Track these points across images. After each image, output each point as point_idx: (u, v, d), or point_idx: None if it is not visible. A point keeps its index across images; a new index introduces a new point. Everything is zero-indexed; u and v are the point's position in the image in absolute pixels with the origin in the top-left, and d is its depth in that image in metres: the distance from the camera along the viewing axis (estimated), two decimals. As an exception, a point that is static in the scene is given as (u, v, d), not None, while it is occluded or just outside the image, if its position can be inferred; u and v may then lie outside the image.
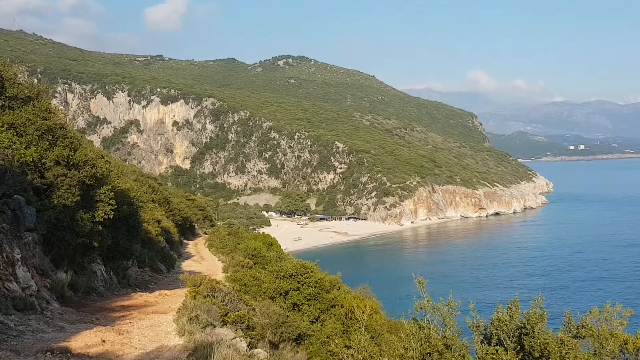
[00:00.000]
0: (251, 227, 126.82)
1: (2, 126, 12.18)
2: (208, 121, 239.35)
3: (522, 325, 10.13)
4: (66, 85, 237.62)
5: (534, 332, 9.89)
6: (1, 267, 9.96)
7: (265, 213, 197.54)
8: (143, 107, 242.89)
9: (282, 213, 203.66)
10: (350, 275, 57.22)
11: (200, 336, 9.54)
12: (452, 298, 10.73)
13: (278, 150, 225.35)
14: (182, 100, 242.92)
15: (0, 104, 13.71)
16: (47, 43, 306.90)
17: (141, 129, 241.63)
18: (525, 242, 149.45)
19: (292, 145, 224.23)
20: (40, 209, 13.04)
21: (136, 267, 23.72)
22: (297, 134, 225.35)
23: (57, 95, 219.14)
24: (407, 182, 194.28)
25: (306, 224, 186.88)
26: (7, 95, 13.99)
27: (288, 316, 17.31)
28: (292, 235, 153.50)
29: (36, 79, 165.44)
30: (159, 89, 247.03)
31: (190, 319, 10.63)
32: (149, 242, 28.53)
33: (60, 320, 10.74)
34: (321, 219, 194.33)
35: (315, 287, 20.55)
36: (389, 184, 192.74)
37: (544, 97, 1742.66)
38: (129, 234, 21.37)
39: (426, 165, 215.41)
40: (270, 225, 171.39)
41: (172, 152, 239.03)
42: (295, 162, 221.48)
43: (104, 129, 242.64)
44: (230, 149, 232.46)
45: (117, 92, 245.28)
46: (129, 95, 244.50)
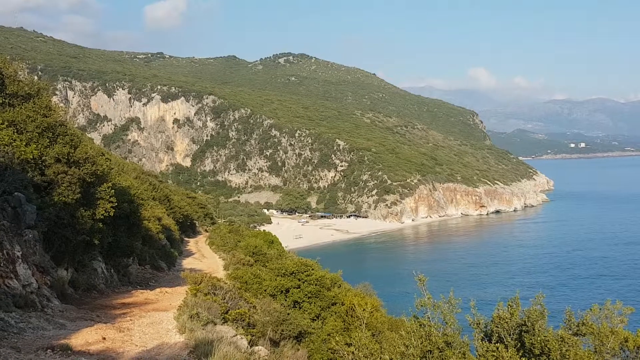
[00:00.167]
0: (252, 225, 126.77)
1: (3, 123, 12.16)
2: (209, 119, 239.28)
3: (523, 322, 10.13)
4: (66, 83, 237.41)
5: (534, 329, 9.90)
6: (2, 265, 9.96)
7: (266, 211, 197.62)
8: (144, 104, 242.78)
9: (283, 211, 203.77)
10: (351, 273, 57.26)
11: (201, 334, 9.54)
12: (452, 295, 10.73)
13: (279, 148, 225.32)
14: (182, 98, 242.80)
15: (1, 101, 13.69)
16: (47, 40, 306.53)
17: (142, 126, 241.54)
18: (525, 239, 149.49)
19: (293, 143, 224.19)
20: (41, 206, 13.04)
21: (137, 264, 23.74)
22: (298, 131, 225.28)
23: (57, 92, 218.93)
24: (408, 180, 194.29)
25: (307, 221, 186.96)
26: (7, 92, 13.98)
27: (289, 314, 17.32)
28: (292, 233, 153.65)
29: (36, 76, 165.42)
30: (159, 87, 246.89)
31: (191, 317, 10.63)
32: (149, 240, 28.54)
33: (60, 318, 10.75)
34: (322, 216, 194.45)
35: (316, 285, 20.56)
36: (389, 181, 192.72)
37: (545, 95, 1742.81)
38: (129, 231, 21.40)
39: (427, 163, 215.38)
40: (271, 223, 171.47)
41: (172, 149, 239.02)
42: (296, 160, 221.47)
43: (104, 126, 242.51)
44: (231, 146, 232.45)
45: (118, 90, 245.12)
46: (129, 93, 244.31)
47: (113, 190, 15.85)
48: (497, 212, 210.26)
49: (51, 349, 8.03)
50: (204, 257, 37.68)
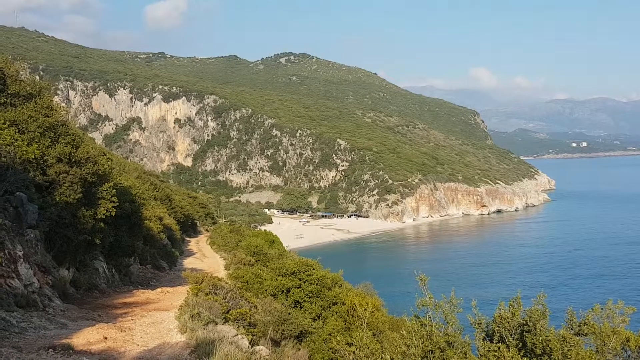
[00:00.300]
0: (253, 225, 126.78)
1: (4, 123, 12.18)
2: (210, 118, 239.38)
3: (524, 322, 10.12)
4: (68, 83, 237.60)
5: (536, 329, 9.89)
6: (3, 264, 9.97)
7: (267, 211, 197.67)
8: (145, 104, 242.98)
9: (283, 211, 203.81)
10: (352, 272, 57.23)
11: (202, 333, 9.54)
12: (454, 295, 10.71)
13: (280, 147, 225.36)
14: (183, 98, 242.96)
15: (3, 101, 13.70)
16: (49, 40, 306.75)
17: (143, 126, 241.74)
18: (527, 239, 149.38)
19: (294, 142, 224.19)
20: (43, 206, 13.05)
21: (138, 264, 23.76)
22: (299, 131, 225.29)
23: (59, 92, 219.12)
24: (409, 180, 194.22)
25: (308, 221, 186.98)
26: (9, 92, 13.99)
27: (290, 313, 17.31)
28: (293, 232, 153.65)
29: (38, 76, 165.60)
30: (160, 86, 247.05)
31: (192, 316, 10.63)
32: (150, 240, 28.56)
33: (62, 317, 10.76)
34: (323, 216, 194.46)
35: (317, 285, 20.55)
36: (390, 181, 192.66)
37: (546, 95, 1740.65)
38: (130, 231, 21.42)
39: (428, 163, 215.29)
40: (272, 222, 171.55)
41: (174, 149, 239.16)
42: (297, 159, 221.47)
43: (105, 126, 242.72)
44: (232, 146, 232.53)
45: (119, 90, 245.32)
46: (130, 93, 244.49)
47: (114, 190, 15.85)
48: (499, 211, 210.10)
49: (53, 348, 8.04)
50: (205, 256, 37.68)
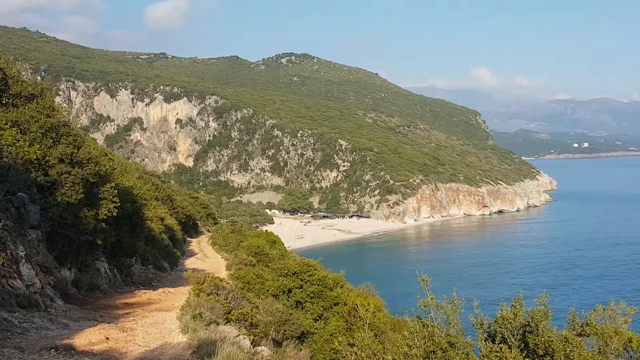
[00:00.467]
0: (254, 225, 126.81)
1: (6, 124, 12.19)
2: (211, 119, 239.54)
3: (527, 323, 10.10)
4: (69, 83, 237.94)
5: (538, 330, 9.87)
6: (5, 265, 9.98)
7: (268, 211, 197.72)
8: (146, 104, 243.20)
9: (285, 211, 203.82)
10: (354, 273, 57.16)
11: (203, 334, 9.54)
12: (455, 296, 10.69)
13: (281, 148, 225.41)
14: (185, 98, 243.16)
15: (4, 101, 13.72)
16: (50, 41, 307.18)
17: (144, 126, 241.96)
18: (528, 240, 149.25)
19: (295, 143, 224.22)
20: (44, 206, 13.06)
21: (140, 264, 23.78)
22: (300, 131, 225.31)
23: (60, 92, 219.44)
24: (411, 180, 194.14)
25: (309, 222, 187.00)
26: (10, 92, 14.00)
27: (291, 314, 17.30)
28: (295, 233, 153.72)
29: (40, 77, 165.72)
30: (162, 87, 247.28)
31: (194, 317, 10.63)
32: (152, 240, 28.58)
33: (64, 318, 10.76)
34: (324, 216, 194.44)
35: (318, 285, 20.54)
36: (392, 181, 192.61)
37: (547, 95, 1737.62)
38: (132, 231, 21.44)
39: (429, 163, 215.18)
40: (273, 223, 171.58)
41: (175, 149, 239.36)
42: (299, 160, 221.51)
43: (107, 126, 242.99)
44: (234, 146, 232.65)
45: (121, 90, 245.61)
46: (132, 93, 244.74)
47: (116, 191, 15.86)
48: (500, 212, 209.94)
49: (54, 349, 8.04)
50: (206, 257, 37.70)
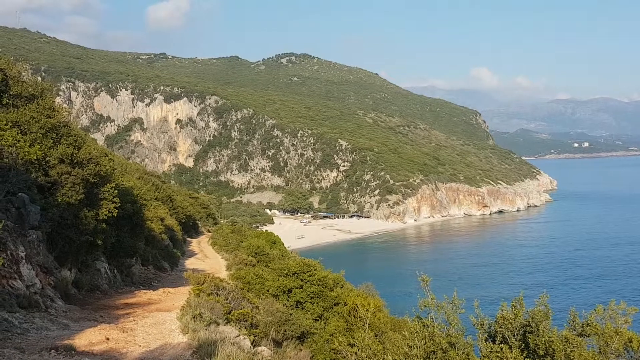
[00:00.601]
0: (254, 225, 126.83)
1: (7, 124, 12.19)
2: (211, 119, 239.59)
3: (527, 323, 10.10)
4: (70, 83, 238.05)
5: (538, 330, 9.86)
6: (5, 265, 9.98)
7: (268, 211, 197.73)
8: (146, 105, 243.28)
9: (285, 211, 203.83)
10: (354, 273, 57.16)
11: (204, 334, 9.54)
12: (456, 296, 10.68)
13: (281, 148, 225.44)
14: (185, 98, 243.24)
15: (5, 102, 13.72)
16: (50, 41, 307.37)
17: (145, 127, 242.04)
18: (528, 240, 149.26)
19: (295, 143, 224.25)
20: (45, 207, 13.06)
21: (140, 265, 23.78)
22: (300, 131, 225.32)
23: (60, 93, 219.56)
24: (411, 180, 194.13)
25: (309, 222, 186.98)
26: (11, 93, 14.01)
27: (291, 314, 17.30)
28: (295, 233, 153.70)
29: (40, 77, 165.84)
30: (162, 87, 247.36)
31: (194, 317, 10.63)
32: (152, 240, 28.57)
33: (64, 318, 10.77)
34: (324, 217, 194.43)
35: (318, 285, 20.53)
36: (392, 181, 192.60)
37: (547, 95, 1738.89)
38: (132, 232, 21.43)
39: (429, 163, 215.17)
40: (273, 223, 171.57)
41: (175, 150, 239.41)
42: (299, 160, 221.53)
43: (107, 127, 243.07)
44: (234, 147, 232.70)
45: (121, 90, 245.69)
46: (132, 94, 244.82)
47: (116, 191, 15.85)
48: (500, 212, 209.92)
49: (55, 349, 8.05)
50: (206, 257, 37.69)
